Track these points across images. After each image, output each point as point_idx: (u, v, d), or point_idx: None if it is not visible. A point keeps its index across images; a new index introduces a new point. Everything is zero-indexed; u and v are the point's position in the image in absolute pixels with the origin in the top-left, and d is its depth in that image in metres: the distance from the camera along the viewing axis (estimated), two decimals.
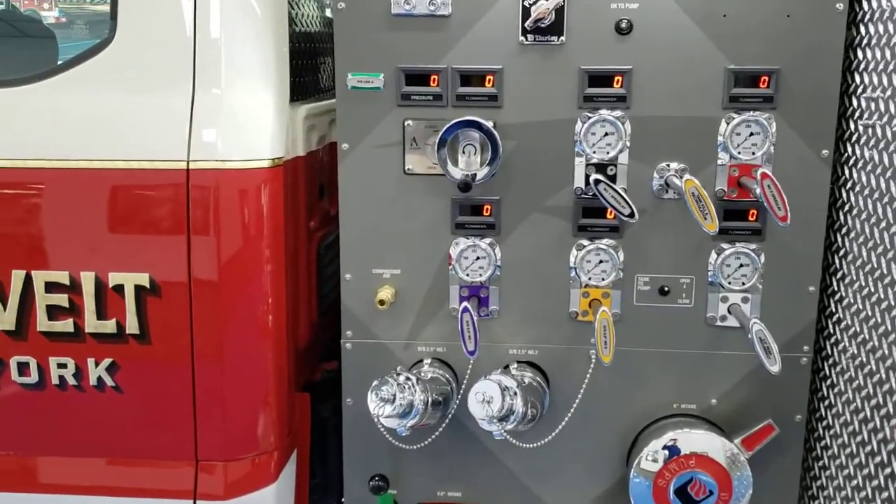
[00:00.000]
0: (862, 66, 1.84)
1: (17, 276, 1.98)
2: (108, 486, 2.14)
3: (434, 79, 1.96)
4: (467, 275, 2.02)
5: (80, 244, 2.00)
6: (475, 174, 1.92)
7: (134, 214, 2.00)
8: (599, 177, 1.86)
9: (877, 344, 1.78)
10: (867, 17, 1.82)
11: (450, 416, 2.02)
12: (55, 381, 2.04)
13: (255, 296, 2.06)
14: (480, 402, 1.82)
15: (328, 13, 2.76)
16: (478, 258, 2.02)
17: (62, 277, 1.98)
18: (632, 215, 1.83)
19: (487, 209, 2.01)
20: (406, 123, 1.99)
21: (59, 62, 2.03)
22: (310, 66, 2.42)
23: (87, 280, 1.98)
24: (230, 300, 2.04)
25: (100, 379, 2.04)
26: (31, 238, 2.00)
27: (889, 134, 1.73)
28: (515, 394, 1.84)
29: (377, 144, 2.01)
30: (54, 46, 2.71)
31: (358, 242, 2.06)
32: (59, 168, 1.95)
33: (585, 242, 1.99)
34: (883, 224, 1.76)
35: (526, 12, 1.90)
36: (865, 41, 1.83)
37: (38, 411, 2.08)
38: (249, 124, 1.98)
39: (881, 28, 1.76)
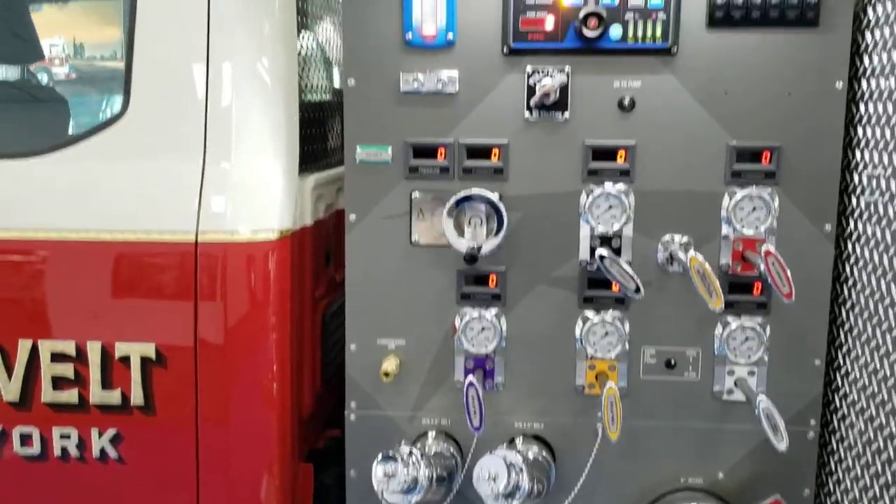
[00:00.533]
0: (862, 143, 1.87)
1: (24, 346, 1.99)
2: None
3: (441, 152, 1.99)
4: (473, 346, 2.02)
5: (86, 314, 2.01)
6: (481, 246, 1.93)
7: (141, 284, 2.02)
8: (605, 252, 1.87)
9: (884, 421, 1.77)
10: (867, 96, 1.85)
11: (454, 491, 2.00)
12: (57, 452, 2.03)
13: (260, 363, 2.06)
14: (486, 480, 1.80)
15: (337, 83, 2.82)
16: (483, 329, 2.02)
17: (68, 348, 1.99)
18: (637, 291, 1.84)
19: (493, 280, 2.02)
20: (413, 195, 2.02)
21: (72, 134, 2.06)
22: (319, 134, 2.46)
23: (94, 350, 1.98)
24: (235, 368, 2.04)
25: (103, 450, 2.03)
26: (38, 307, 2.01)
27: (891, 212, 1.74)
28: (521, 470, 1.83)
29: (384, 215, 2.03)
30: (66, 113, 2.76)
31: (363, 313, 2.06)
32: (68, 240, 1.97)
33: (591, 314, 2.00)
34: (887, 301, 1.76)
35: (531, 90, 1.93)
36: (865, 119, 1.86)
37: (40, 483, 2.06)
38: (259, 196, 2.00)
39: (880, 108, 1.80)
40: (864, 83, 1.87)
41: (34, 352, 1.99)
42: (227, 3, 2.00)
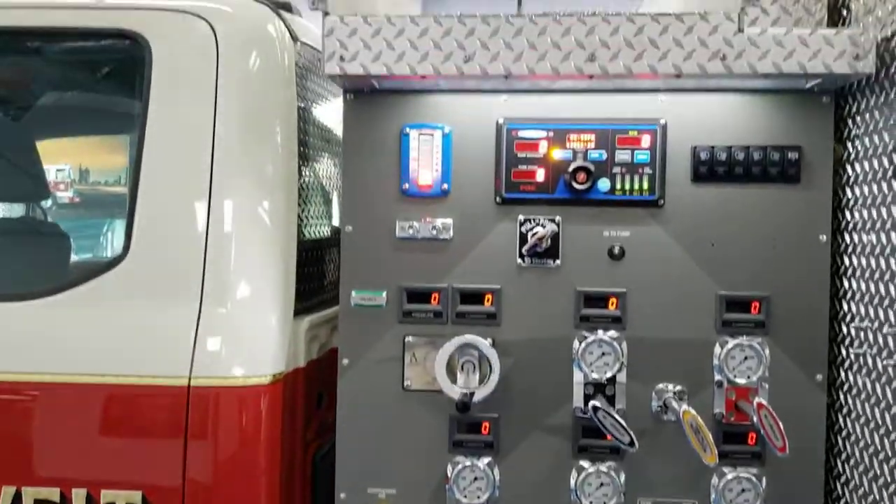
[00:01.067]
0: (849, 294, 1.91)
1: (7, 493, 1.95)
2: None
3: (435, 297, 2.02)
4: (465, 496, 1.99)
5: (72, 459, 1.98)
6: (473, 393, 1.93)
7: (131, 426, 1.99)
8: (598, 404, 1.87)
9: None
10: (850, 249, 1.90)
11: None
12: None
13: None
14: None
15: (335, 217, 2.88)
16: (476, 479, 1.99)
17: (53, 495, 1.95)
18: (632, 444, 1.83)
19: (486, 427, 2.01)
20: (406, 339, 2.03)
21: (71, 278, 2.08)
22: (316, 273, 2.49)
23: (79, 498, 1.94)
24: None
25: None
26: (24, 452, 1.98)
27: (880, 365, 1.76)
28: None
29: (377, 360, 2.04)
30: (67, 248, 2.80)
31: (354, 460, 2.04)
32: (60, 382, 1.97)
33: (586, 464, 1.98)
34: (881, 455, 1.75)
35: (523, 238, 1.99)
36: (850, 272, 1.90)
37: None
38: (253, 340, 2.01)
39: (864, 261, 1.84)
40: (847, 237, 1.92)
41: (17, 499, 1.95)
42: (231, 145, 2.06)
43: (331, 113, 2.55)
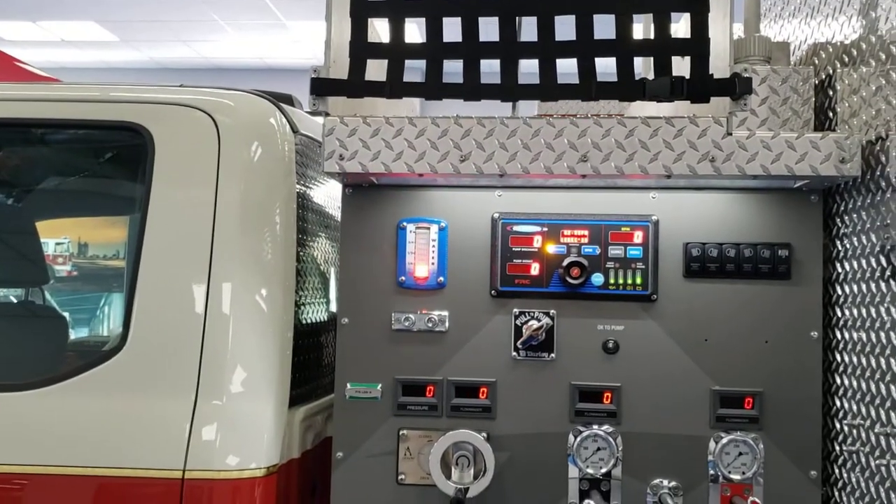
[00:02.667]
0: (841, 391, 1.92)
1: None
2: None
3: (430, 390, 2.03)
4: None
5: None
6: (468, 488, 1.92)
7: None
8: (593, 502, 1.87)
9: None
10: (842, 346, 1.92)
11: None
12: None
13: None
14: None
15: (332, 304, 2.90)
16: None
17: None
18: None
19: None
20: (401, 433, 2.03)
21: (67, 369, 2.09)
22: (312, 359, 2.50)
23: None
24: None
25: None
26: None
27: (873, 464, 1.76)
28: None
29: (371, 453, 2.04)
30: (64, 331, 2.81)
31: None
32: (51, 473, 1.96)
33: None
34: None
35: (518, 331, 2.00)
36: (842, 369, 1.92)
37: None
38: (248, 433, 2.01)
39: (855, 359, 1.86)
40: (838, 333, 1.94)
41: None
42: (231, 234, 2.09)
43: (330, 199, 2.60)
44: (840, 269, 1.95)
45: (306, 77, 1.88)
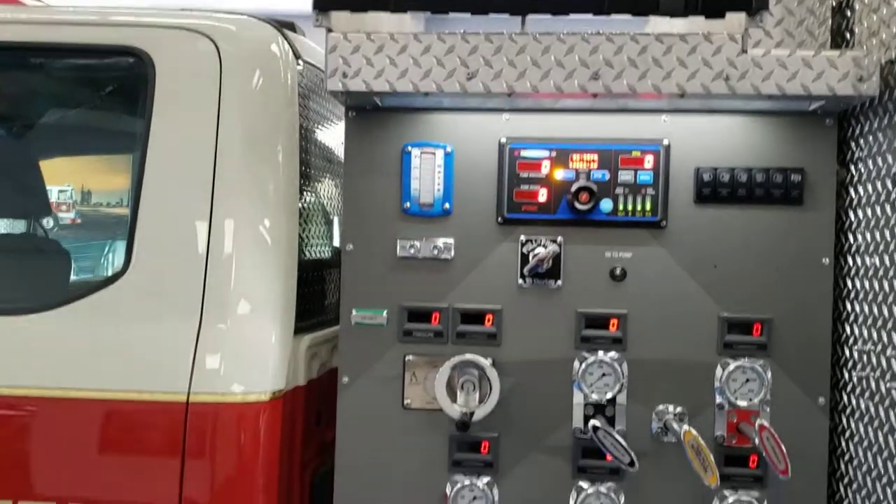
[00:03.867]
0: (852, 318, 1.90)
1: None
2: None
3: (435, 316, 2.01)
4: None
5: (69, 473, 1.96)
6: (473, 412, 1.92)
7: (128, 443, 1.98)
8: (598, 423, 1.86)
9: None
10: (853, 272, 1.90)
11: None
12: None
13: None
14: None
15: (336, 238, 2.88)
16: (475, 498, 1.97)
17: None
18: (632, 464, 1.81)
19: (485, 447, 2.00)
20: (406, 358, 2.02)
21: (71, 292, 2.08)
22: (317, 292, 2.48)
23: None
24: None
25: None
26: (20, 466, 1.97)
27: (882, 388, 1.75)
28: None
29: (377, 378, 2.03)
30: (67, 267, 2.80)
31: (353, 478, 2.02)
32: (58, 397, 1.96)
33: (585, 485, 1.96)
34: (885, 479, 1.74)
35: (524, 258, 1.98)
36: (853, 295, 1.89)
37: None
38: (252, 358, 2.00)
39: (867, 284, 1.83)
40: (850, 259, 1.92)
41: None
42: (233, 163, 2.06)
43: (333, 134, 2.56)
44: (854, 195, 1.91)
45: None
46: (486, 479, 1.98)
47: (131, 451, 1.98)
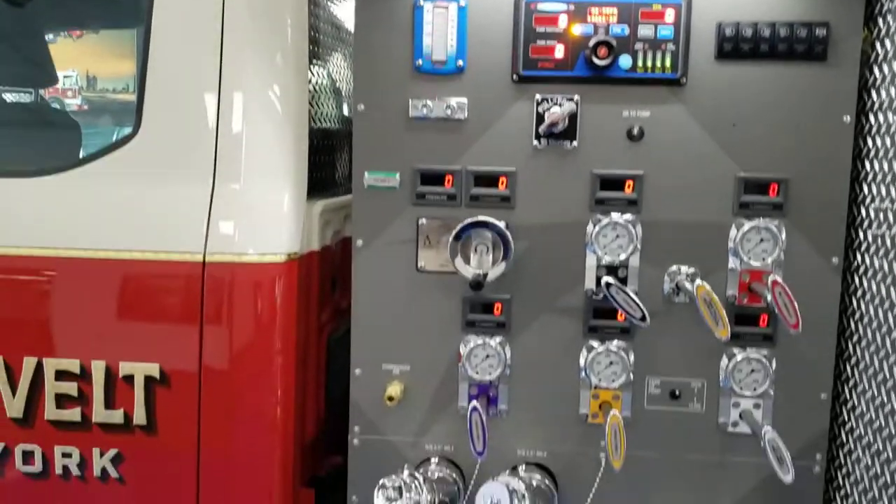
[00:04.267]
0: (870, 177, 1.88)
1: (29, 363, 1.99)
2: None
3: (449, 179, 2.00)
4: (477, 373, 2.01)
5: (91, 332, 2.01)
6: (487, 273, 1.93)
7: (147, 304, 2.02)
8: (611, 280, 1.87)
9: (890, 455, 1.75)
10: (874, 130, 1.86)
11: None
12: (59, 470, 2.02)
13: (264, 388, 2.05)
14: None
15: (346, 111, 2.85)
16: (487, 356, 2.02)
17: (73, 366, 1.99)
18: (643, 319, 1.83)
19: (498, 308, 2.02)
20: (420, 222, 2.02)
21: (83, 154, 2.08)
22: (327, 161, 2.47)
23: (98, 369, 1.98)
24: (239, 391, 2.03)
25: (104, 470, 2.02)
26: (44, 325, 2.01)
27: None
28: (524, 496, 1.81)
29: (391, 241, 2.04)
30: (78, 138, 2.79)
31: (369, 337, 2.06)
32: (76, 258, 1.98)
33: (596, 344, 1.99)
34: (894, 334, 1.75)
35: (539, 118, 1.95)
36: (873, 153, 1.87)
37: (39, 501, 2.05)
38: (267, 219, 2.01)
39: (888, 141, 1.80)
40: (871, 117, 1.88)
41: (39, 369, 1.99)
42: (241, 33, 2.02)
43: (343, 10, 2.49)
44: (879, 49, 1.85)
45: None
46: (498, 339, 2.02)
47: (151, 312, 2.02)
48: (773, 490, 1.98)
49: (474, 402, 1.92)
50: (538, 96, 1.95)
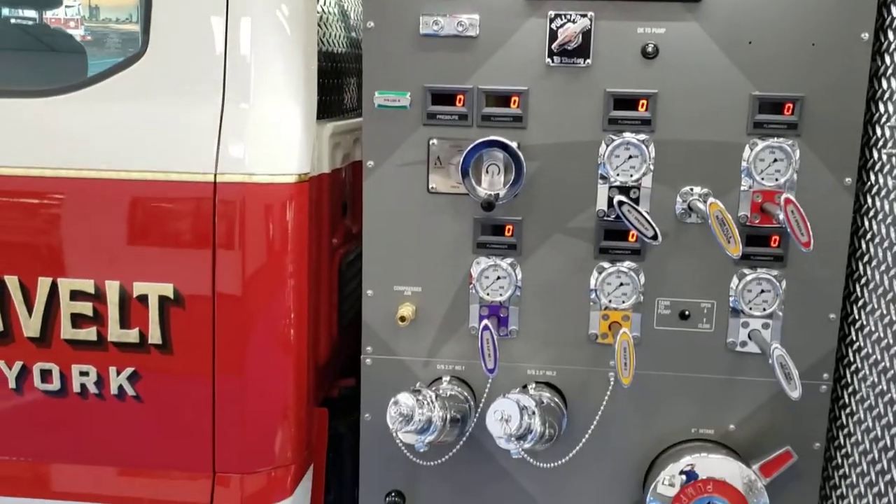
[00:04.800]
0: (886, 95, 1.85)
1: (44, 284, 2.01)
2: (124, 497, 2.15)
3: (460, 99, 1.98)
4: (487, 294, 2.03)
5: (105, 254, 2.02)
6: (498, 194, 1.93)
7: (160, 225, 2.02)
8: (623, 198, 1.87)
9: None
10: (892, 47, 1.83)
11: (467, 434, 2.02)
12: (77, 388, 2.06)
13: (277, 310, 2.07)
14: (499, 420, 1.82)
15: (354, 35, 2.81)
16: (498, 278, 2.03)
17: (87, 286, 2.00)
18: (655, 237, 1.84)
19: (509, 229, 2.02)
20: (431, 142, 2.01)
21: (91, 75, 2.05)
22: (335, 85, 2.45)
23: (112, 289, 2.00)
24: (253, 313, 2.05)
25: (121, 388, 2.05)
26: (58, 246, 2.02)
27: None
28: (534, 413, 1.84)
29: (402, 163, 2.03)
30: (84, 61, 2.76)
31: (380, 259, 2.07)
32: (88, 178, 1.98)
33: (606, 265, 2.00)
34: None
35: (553, 35, 1.92)
36: (890, 71, 1.84)
37: (58, 418, 2.09)
38: (277, 139, 2.00)
39: None
40: (890, 35, 1.84)
41: (54, 289, 2.01)
42: None
43: None
44: None
45: None
46: (509, 260, 2.03)
47: (163, 233, 2.02)
48: (779, 408, 2.01)
49: (486, 321, 1.94)
50: (551, 13, 1.92)
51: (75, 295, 2.01)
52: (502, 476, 2.10)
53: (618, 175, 1.96)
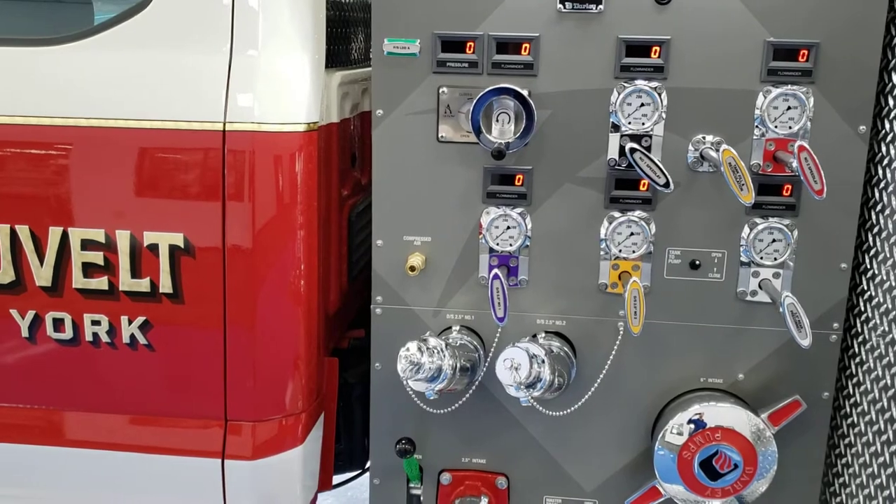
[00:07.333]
0: None
1: (55, 233, 2.01)
2: (137, 444, 2.17)
3: (470, 46, 1.96)
4: (497, 244, 2.03)
5: (115, 203, 2.02)
6: (508, 142, 1.91)
7: (169, 175, 2.01)
8: (635, 146, 1.86)
9: None
10: None
11: (477, 382, 2.04)
12: (89, 337, 2.07)
13: (287, 260, 2.07)
14: (508, 369, 1.83)
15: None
16: (508, 228, 2.02)
17: (98, 235, 2.01)
18: (667, 185, 1.82)
19: (519, 179, 2.01)
20: (441, 91, 1.99)
21: (98, 23, 2.03)
22: (343, 34, 2.42)
23: (122, 239, 2.00)
24: (263, 263, 2.05)
25: (132, 337, 2.06)
26: (68, 196, 2.02)
27: None
28: (543, 361, 1.85)
29: (411, 111, 2.02)
30: (90, 9, 2.73)
31: (390, 209, 2.07)
32: (97, 127, 1.97)
33: (617, 214, 1.99)
34: None
35: None
36: None
37: (71, 367, 2.11)
38: (286, 88, 1.98)
39: None
40: None
41: (64, 239, 2.01)
42: None
43: None
44: None
45: None
46: (519, 210, 2.02)
47: (173, 182, 2.01)
48: (789, 357, 2.01)
49: (496, 270, 1.94)
50: None
51: (86, 244, 2.01)
52: (511, 424, 2.12)
53: (629, 123, 1.94)
